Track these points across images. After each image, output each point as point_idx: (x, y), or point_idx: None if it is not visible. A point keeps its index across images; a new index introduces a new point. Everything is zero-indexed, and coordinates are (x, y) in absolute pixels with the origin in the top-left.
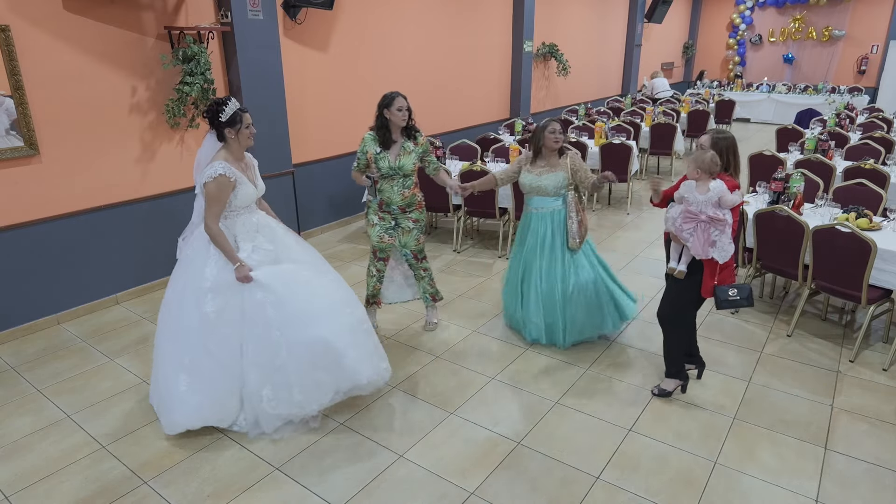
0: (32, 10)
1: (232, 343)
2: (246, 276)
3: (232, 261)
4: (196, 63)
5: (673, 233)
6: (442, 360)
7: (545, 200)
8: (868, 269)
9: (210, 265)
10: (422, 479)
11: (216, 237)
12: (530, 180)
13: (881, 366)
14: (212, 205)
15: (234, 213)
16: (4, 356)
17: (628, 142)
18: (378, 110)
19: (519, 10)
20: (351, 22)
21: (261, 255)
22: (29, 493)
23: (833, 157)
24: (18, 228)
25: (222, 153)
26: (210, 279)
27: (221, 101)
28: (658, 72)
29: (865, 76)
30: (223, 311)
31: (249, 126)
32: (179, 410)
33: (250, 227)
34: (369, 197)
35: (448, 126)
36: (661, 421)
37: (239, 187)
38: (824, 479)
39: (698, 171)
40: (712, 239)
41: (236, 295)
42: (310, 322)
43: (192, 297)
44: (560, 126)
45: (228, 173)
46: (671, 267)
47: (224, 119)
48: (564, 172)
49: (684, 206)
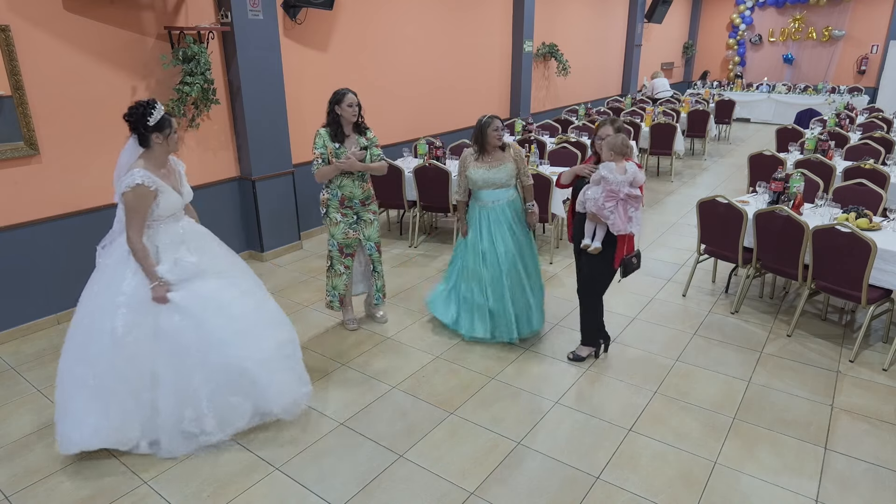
0: (32, 10)
1: (140, 363)
2: (162, 297)
3: (150, 278)
4: (196, 63)
5: (593, 212)
6: (442, 360)
7: (499, 193)
8: (868, 269)
9: (128, 279)
10: (422, 479)
11: (137, 251)
12: (482, 175)
13: (881, 366)
14: (132, 216)
15: (157, 222)
16: (4, 356)
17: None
18: (329, 107)
19: (519, 10)
20: (351, 22)
21: (182, 270)
22: (29, 493)
23: (833, 157)
24: (18, 228)
25: (142, 160)
26: (126, 293)
27: (146, 104)
28: (658, 72)
29: (865, 76)
30: (133, 329)
31: (176, 131)
32: (77, 429)
33: (175, 236)
34: (327, 195)
35: (448, 126)
36: (661, 421)
37: (160, 196)
38: (824, 479)
39: (612, 153)
40: (629, 215)
41: (150, 314)
42: (227, 347)
43: (106, 310)
44: (501, 122)
45: (147, 182)
46: (586, 244)
47: (152, 123)
48: (511, 163)
49: (604, 186)
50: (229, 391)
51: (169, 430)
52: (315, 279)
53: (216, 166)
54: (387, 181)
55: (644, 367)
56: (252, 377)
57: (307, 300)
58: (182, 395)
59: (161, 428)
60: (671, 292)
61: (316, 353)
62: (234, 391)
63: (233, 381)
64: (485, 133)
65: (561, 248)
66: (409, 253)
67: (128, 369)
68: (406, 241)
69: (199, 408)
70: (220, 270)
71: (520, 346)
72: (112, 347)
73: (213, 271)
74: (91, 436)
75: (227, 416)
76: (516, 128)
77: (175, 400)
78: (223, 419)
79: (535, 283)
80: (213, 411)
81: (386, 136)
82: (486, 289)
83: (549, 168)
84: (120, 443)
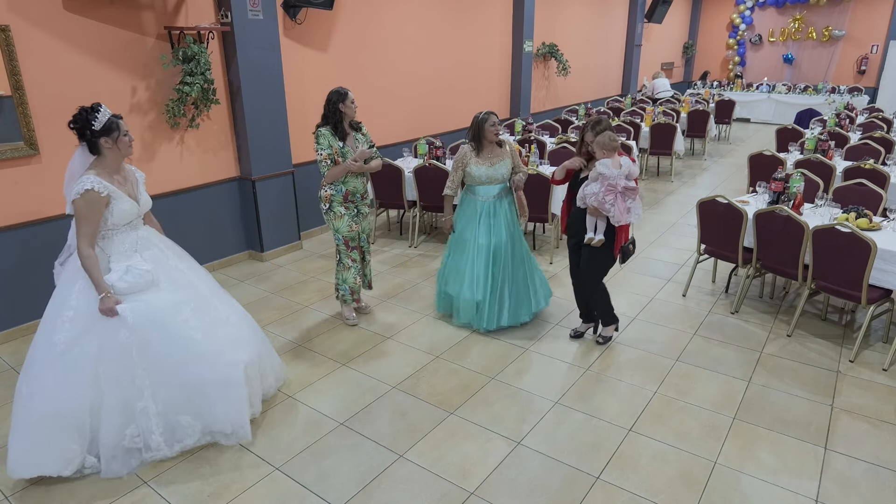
0: (32, 10)
1: (80, 381)
2: (110, 308)
3: (98, 289)
4: (196, 63)
5: (595, 206)
6: (442, 360)
7: (495, 188)
8: (868, 269)
9: (76, 293)
10: (422, 479)
11: (85, 260)
12: (484, 171)
13: (881, 366)
14: (81, 224)
15: (112, 231)
16: (4, 356)
17: (628, 142)
18: (331, 106)
19: (519, 10)
20: (351, 22)
21: (135, 277)
22: (29, 493)
23: (833, 157)
24: (18, 228)
25: (93, 168)
26: (73, 307)
27: (90, 108)
28: (660, 72)
29: (865, 76)
30: (74, 345)
31: (128, 133)
32: (18, 450)
33: (129, 244)
34: (330, 192)
35: (448, 126)
36: (661, 421)
37: (113, 203)
38: (824, 479)
39: (604, 151)
40: (627, 206)
41: (95, 328)
42: (179, 369)
43: (52, 326)
44: (497, 118)
45: (98, 188)
46: (590, 237)
47: (98, 127)
48: (509, 159)
49: (602, 181)
50: (178, 410)
51: (110, 449)
52: (315, 279)
53: (216, 166)
54: (387, 181)
55: (644, 367)
56: (205, 400)
57: (307, 300)
58: (126, 413)
59: (102, 446)
60: (671, 292)
61: (316, 353)
62: (184, 410)
63: (183, 402)
64: (482, 129)
65: (561, 248)
66: (408, 253)
67: (65, 387)
68: (406, 241)
69: (147, 425)
70: (178, 284)
71: (520, 346)
72: (52, 363)
73: (170, 284)
74: (27, 462)
75: (176, 434)
76: (516, 128)
77: (118, 419)
78: (171, 437)
79: (533, 265)
80: (160, 427)
81: (386, 136)
82: (481, 281)
83: (548, 168)
84: (60, 468)
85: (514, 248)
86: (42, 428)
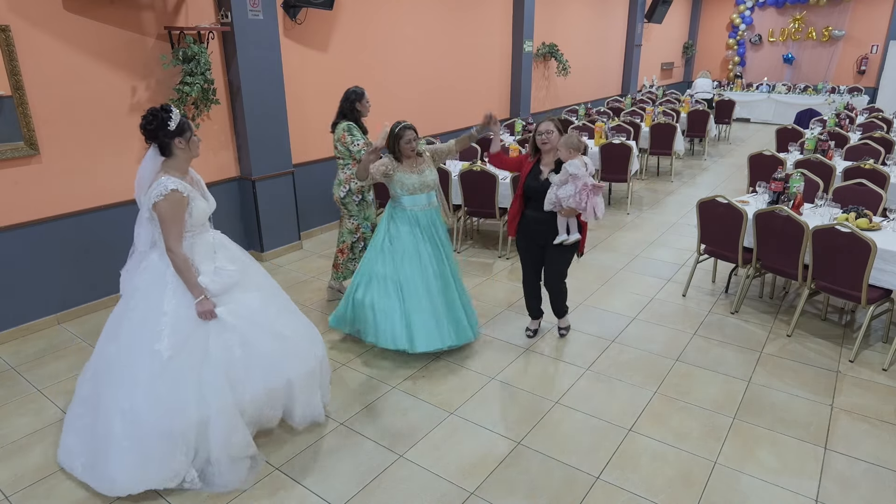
0: (32, 10)
1: (188, 386)
2: (210, 311)
3: (194, 293)
4: (196, 63)
5: (571, 207)
6: (442, 360)
7: (429, 196)
8: (868, 269)
9: (168, 297)
10: (422, 479)
11: (181, 262)
12: (416, 179)
13: (881, 366)
14: (169, 226)
15: (191, 233)
16: (4, 356)
17: (628, 142)
18: (349, 104)
19: (519, 10)
20: (351, 22)
21: (224, 278)
22: (29, 493)
23: (833, 157)
24: (18, 228)
25: (164, 170)
26: (168, 313)
27: (163, 108)
28: (705, 72)
29: (865, 76)
30: (180, 349)
31: (195, 133)
32: (122, 468)
33: (208, 245)
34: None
35: (448, 126)
36: (661, 421)
37: (192, 203)
38: (824, 479)
39: (571, 151)
40: (596, 201)
41: (196, 332)
42: (275, 365)
43: (148, 335)
44: (414, 133)
45: (181, 188)
46: (563, 238)
47: (173, 128)
48: (432, 164)
49: (575, 183)
50: (269, 408)
51: (220, 460)
52: (316, 279)
53: (216, 166)
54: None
55: (644, 367)
56: (291, 395)
57: (307, 300)
58: (231, 419)
59: (213, 458)
60: (671, 292)
61: None
62: (273, 407)
63: (275, 399)
64: (398, 145)
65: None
66: None
67: (175, 398)
68: None
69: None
70: (258, 283)
71: (520, 346)
72: (159, 374)
73: (252, 284)
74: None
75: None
76: (516, 128)
77: (223, 427)
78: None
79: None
80: (252, 426)
81: None
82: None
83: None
84: (167, 480)
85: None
86: (154, 442)
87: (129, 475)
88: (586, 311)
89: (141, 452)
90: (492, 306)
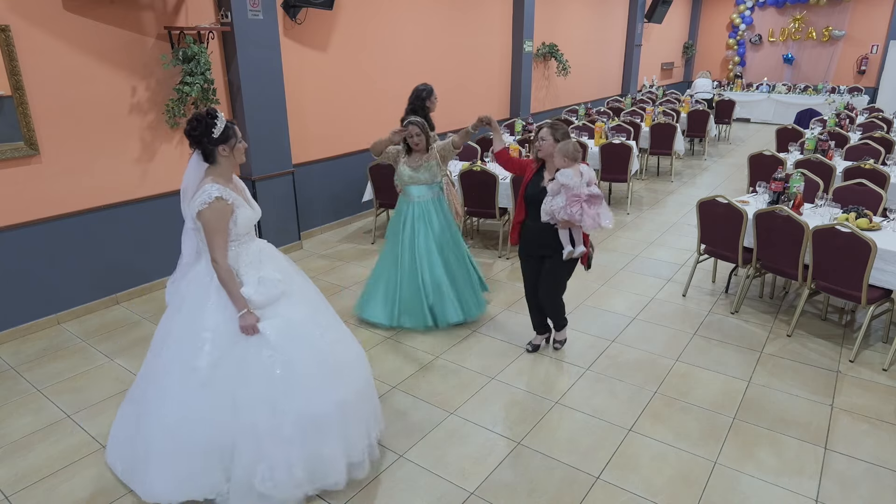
0: (32, 10)
1: (224, 402)
2: (252, 325)
3: (237, 306)
4: (196, 63)
5: (565, 220)
6: (442, 359)
7: (423, 189)
8: (868, 269)
9: (210, 310)
10: (422, 479)
11: (225, 273)
12: (409, 173)
13: (881, 366)
14: (214, 236)
15: (236, 242)
16: (4, 356)
17: (628, 142)
18: (420, 101)
19: (519, 10)
20: (351, 22)
21: (269, 288)
22: (29, 493)
23: (833, 157)
24: (18, 228)
25: (209, 177)
26: (210, 328)
27: (209, 114)
28: (705, 72)
29: (865, 76)
30: (219, 365)
31: (241, 139)
32: (160, 478)
33: (254, 255)
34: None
35: (448, 126)
36: (661, 421)
37: (237, 211)
38: (824, 479)
39: (566, 159)
40: (597, 212)
41: (236, 348)
42: (322, 388)
43: (190, 349)
44: (418, 129)
45: (226, 196)
46: (570, 251)
47: (218, 135)
48: (435, 161)
49: (566, 193)
50: (324, 439)
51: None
52: (316, 279)
53: None
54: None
55: (644, 367)
56: (347, 421)
57: None
58: (265, 442)
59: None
60: (671, 292)
61: None
62: (330, 438)
63: (328, 427)
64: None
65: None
66: None
67: (213, 411)
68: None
69: (286, 457)
70: (305, 296)
71: (520, 346)
72: (198, 389)
73: (299, 296)
74: (174, 485)
75: (319, 468)
76: (516, 128)
77: (254, 446)
78: (314, 471)
79: (462, 275)
80: (302, 461)
81: None
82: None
83: None
84: (206, 492)
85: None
86: (194, 456)
87: (172, 487)
88: (586, 311)
89: (184, 466)
90: (492, 306)
